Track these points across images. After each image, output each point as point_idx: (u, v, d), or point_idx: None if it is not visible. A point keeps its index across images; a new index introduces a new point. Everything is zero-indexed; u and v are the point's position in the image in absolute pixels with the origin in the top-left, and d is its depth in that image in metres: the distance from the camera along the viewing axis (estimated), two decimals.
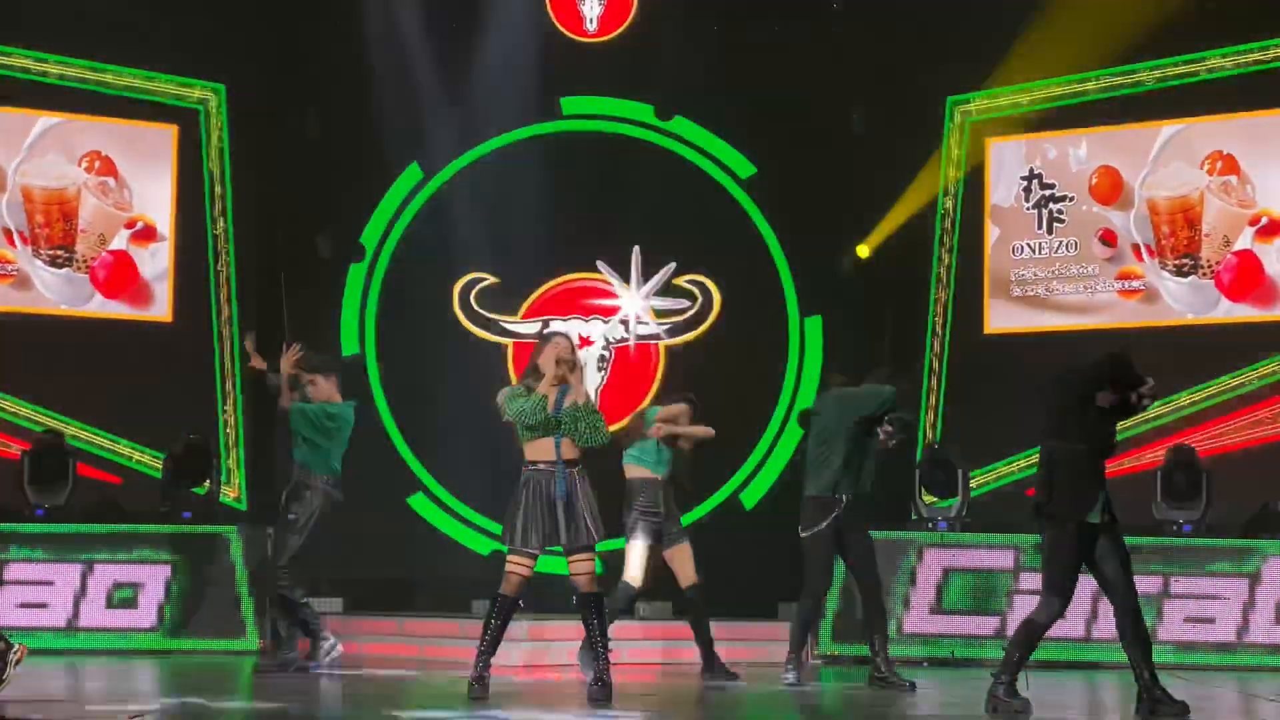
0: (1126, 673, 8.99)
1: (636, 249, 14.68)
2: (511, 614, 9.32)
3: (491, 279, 14.71)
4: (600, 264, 14.74)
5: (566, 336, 9.57)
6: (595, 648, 9.23)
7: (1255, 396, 13.42)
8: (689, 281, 14.76)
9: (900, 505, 13.25)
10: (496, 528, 11.00)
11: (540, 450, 9.16)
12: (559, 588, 10.38)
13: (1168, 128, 13.77)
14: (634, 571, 10.96)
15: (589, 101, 14.90)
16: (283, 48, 14.42)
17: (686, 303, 14.75)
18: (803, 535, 10.51)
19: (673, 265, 14.67)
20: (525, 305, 14.82)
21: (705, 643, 11.06)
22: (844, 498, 10.45)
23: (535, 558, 9.25)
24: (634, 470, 11.05)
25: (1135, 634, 8.70)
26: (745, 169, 14.70)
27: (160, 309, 14.13)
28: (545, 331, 11.05)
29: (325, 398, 11.11)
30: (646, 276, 14.73)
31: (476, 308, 14.76)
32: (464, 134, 14.76)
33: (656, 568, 11.11)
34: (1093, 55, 13.90)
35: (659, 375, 14.73)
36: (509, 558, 9.24)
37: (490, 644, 9.26)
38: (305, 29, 14.51)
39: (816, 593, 10.70)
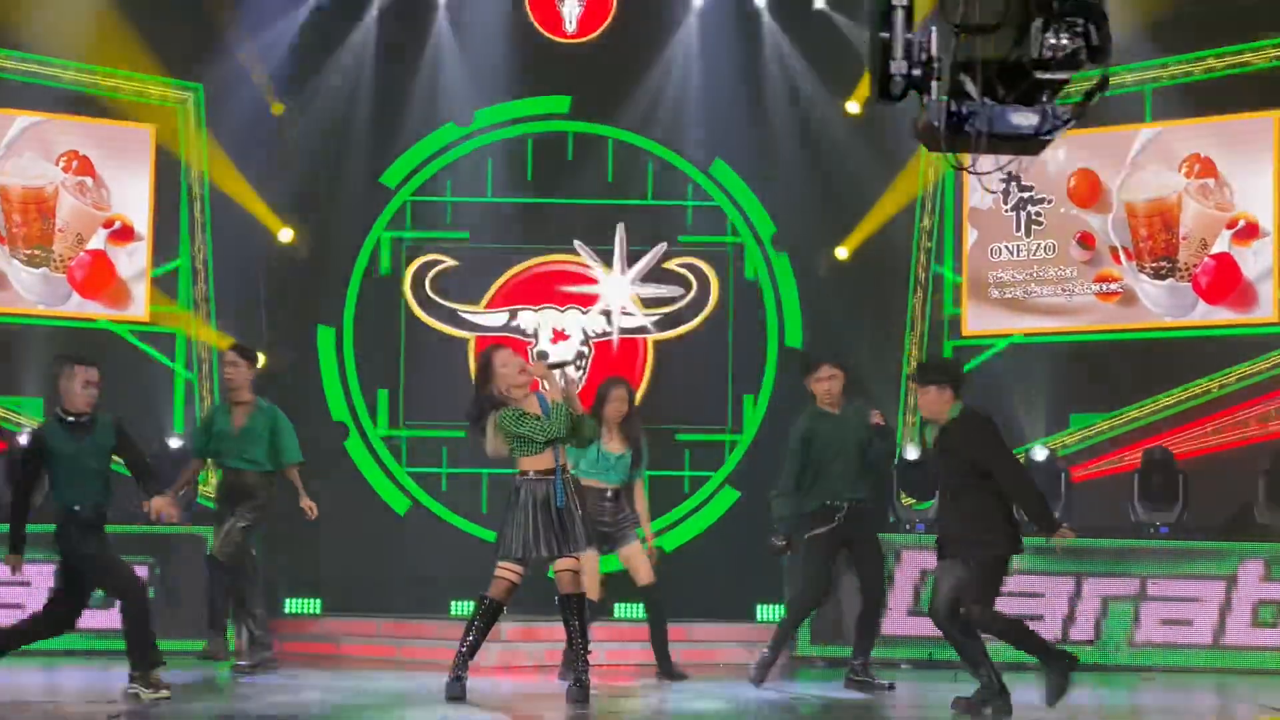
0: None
1: (621, 226, 13.53)
2: (495, 619, 9.33)
3: (450, 261, 13.58)
4: (578, 244, 13.57)
5: (501, 347, 9.39)
6: (575, 649, 9.22)
7: (1232, 399, 13.46)
8: (682, 265, 13.64)
9: (878, 508, 13.24)
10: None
11: (541, 460, 9.11)
12: (540, 590, 10.34)
13: (1146, 130, 13.80)
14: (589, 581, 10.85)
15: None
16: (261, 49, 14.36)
17: (679, 290, 13.55)
18: (803, 537, 10.39)
19: (664, 246, 13.56)
20: (489, 293, 13.67)
21: (660, 643, 10.86)
22: (844, 505, 10.39)
23: (527, 565, 9.24)
24: (585, 481, 10.55)
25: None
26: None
27: (138, 309, 14.08)
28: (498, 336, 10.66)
29: (242, 383, 11.14)
30: (632, 260, 13.49)
31: (433, 295, 13.45)
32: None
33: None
34: None
35: (646, 376, 13.74)
36: (501, 563, 9.22)
37: (471, 646, 9.26)
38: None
39: (815, 599, 10.60)
